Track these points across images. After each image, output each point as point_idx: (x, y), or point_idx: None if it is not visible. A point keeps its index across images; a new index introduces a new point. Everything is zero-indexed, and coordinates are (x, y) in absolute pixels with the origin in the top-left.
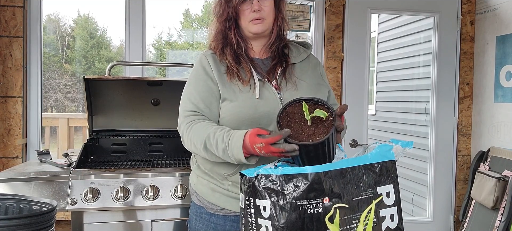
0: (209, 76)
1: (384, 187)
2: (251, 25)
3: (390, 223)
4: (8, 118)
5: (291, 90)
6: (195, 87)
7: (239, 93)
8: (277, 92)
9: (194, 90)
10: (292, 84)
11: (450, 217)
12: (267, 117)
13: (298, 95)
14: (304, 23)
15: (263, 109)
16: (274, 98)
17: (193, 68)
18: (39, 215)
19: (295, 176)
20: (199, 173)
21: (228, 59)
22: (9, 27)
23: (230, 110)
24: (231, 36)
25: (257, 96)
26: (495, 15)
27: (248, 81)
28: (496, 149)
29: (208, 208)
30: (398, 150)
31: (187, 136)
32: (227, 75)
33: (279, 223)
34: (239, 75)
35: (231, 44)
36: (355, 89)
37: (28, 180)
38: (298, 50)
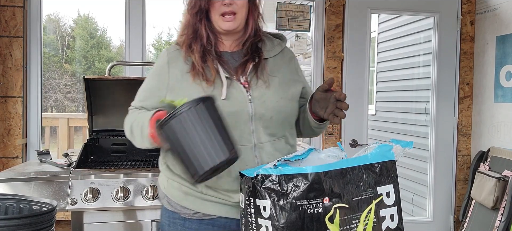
0: (164, 77)
1: (384, 187)
2: (222, 21)
3: (390, 223)
4: (8, 118)
5: (262, 88)
6: (148, 84)
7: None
8: (245, 90)
9: (147, 87)
10: (263, 82)
11: (450, 217)
12: (233, 116)
13: (269, 93)
14: (304, 23)
15: (229, 110)
16: (242, 97)
17: (155, 63)
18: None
19: (295, 176)
20: (169, 175)
21: (194, 56)
22: (9, 27)
23: None
24: (202, 30)
25: (223, 96)
26: (495, 15)
27: (213, 80)
28: (496, 149)
29: (182, 213)
30: (398, 150)
31: (125, 122)
32: (191, 74)
33: (279, 223)
34: (203, 75)
35: (201, 39)
36: (355, 89)
37: (28, 180)
38: (272, 43)
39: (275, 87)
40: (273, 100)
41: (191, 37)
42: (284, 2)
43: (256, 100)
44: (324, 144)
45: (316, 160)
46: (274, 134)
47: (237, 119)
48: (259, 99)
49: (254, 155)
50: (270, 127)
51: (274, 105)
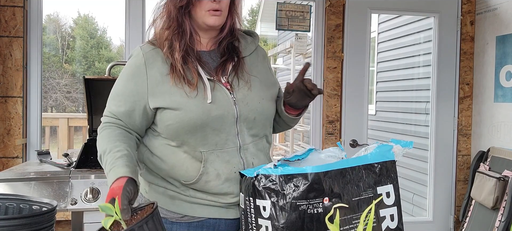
0: (142, 80)
1: (384, 187)
2: (208, 16)
3: (390, 223)
4: (8, 118)
5: (244, 90)
6: (123, 87)
7: (186, 99)
8: (229, 93)
9: (122, 91)
10: (244, 83)
11: (450, 217)
12: (220, 119)
13: (251, 95)
14: (304, 23)
15: (216, 113)
16: (227, 100)
17: (127, 63)
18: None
19: (295, 176)
20: (151, 179)
21: (175, 56)
22: (9, 27)
23: (177, 118)
24: (186, 25)
25: (209, 100)
26: (495, 15)
27: (195, 84)
28: (496, 149)
29: (169, 218)
30: (398, 150)
31: (97, 140)
32: (171, 77)
33: (279, 223)
34: (185, 78)
35: (184, 35)
36: (355, 89)
37: (28, 180)
38: (246, 41)
39: (257, 88)
40: (255, 102)
41: (175, 32)
42: (284, 2)
43: (240, 102)
44: (324, 144)
45: (316, 160)
46: (256, 134)
47: (223, 122)
48: (243, 101)
49: (239, 156)
50: (253, 127)
51: (257, 106)
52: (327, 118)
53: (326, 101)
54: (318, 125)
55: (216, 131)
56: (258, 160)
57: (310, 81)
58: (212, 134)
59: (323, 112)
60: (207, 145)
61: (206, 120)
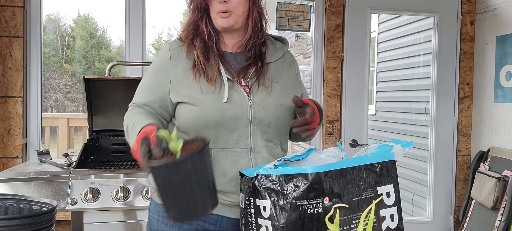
0: (166, 74)
1: (384, 187)
2: (218, 18)
3: (390, 223)
4: (8, 118)
5: (263, 94)
6: (150, 80)
7: (203, 95)
8: (247, 95)
9: (148, 84)
10: (264, 88)
11: (450, 217)
12: (234, 120)
13: (269, 100)
14: (304, 23)
15: (230, 113)
16: (243, 102)
17: (156, 59)
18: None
19: (295, 176)
20: None
21: (196, 51)
22: (9, 27)
23: (193, 113)
24: (202, 27)
25: (225, 99)
26: (495, 15)
27: (214, 80)
28: (496, 149)
29: None
30: (398, 150)
31: (124, 119)
32: (192, 71)
33: (279, 223)
34: (205, 72)
35: (202, 35)
36: (355, 89)
37: (28, 180)
38: (274, 47)
39: (276, 93)
40: (272, 107)
41: (192, 32)
42: (284, 2)
43: (256, 105)
44: (324, 144)
45: (316, 160)
46: (271, 139)
47: (236, 122)
48: (259, 104)
49: (249, 158)
50: (267, 132)
51: (274, 112)
52: (327, 117)
53: (326, 101)
54: None
55: (229, 130)
56: (263, 162)
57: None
58: (224, 133)
59: (323, 112)
60: (218, 143)
61: (220, 119)
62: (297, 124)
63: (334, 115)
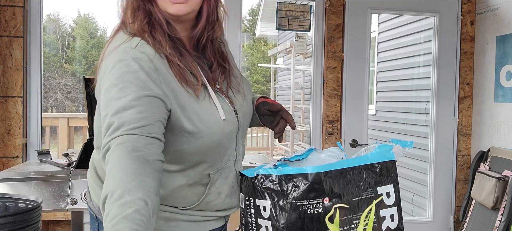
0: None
1: (384, 187)
2: (169, 4)
3: (390, 223)
4: (8, 118)
5: (240, 99)
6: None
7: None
8: (230, 103)
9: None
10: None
11: (450, 217)
12: (230, 136)
13: (245, 104)
14: (304, 23)
15: (228, 130)
16: (231, 113)
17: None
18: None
19: (295, 176)
20: None
21: (165, 49)
22: (9, 27)
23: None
24: (156, 13)
25: (223, 117)
26: (495, 15)
27: (200, 88)
28: (496, 149)
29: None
30: (398, 150)
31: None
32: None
33: (279, 223)
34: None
35: (160, 25)
36: (355, 89)
37: (28, 179)
38: None
39: (245, 93)
40: (248, 109)
41: (146, 22)
42: (284, 2)
43: (239, 112)
44: (324, 144)
45: (316, 160)
46: (244, 141)
47: (231, 138)
48: (241, 110)
49: (235, 168)
50: (243, 135)
51: (248, 113)
52: (327, 117)
53: (326, 101)
54: (318, 124)
55: (225, 148)
56: (242, 167)
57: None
58: (222, 152)
59: (323, 112)
60: (216, 165)
61: (222, 139)
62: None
63: (334, 115)
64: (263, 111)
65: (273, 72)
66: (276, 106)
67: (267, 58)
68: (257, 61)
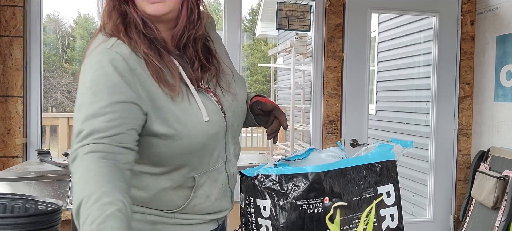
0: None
1: (385, 186)
2: (147, 4)
3: (390, 222)
4: (8, 118)
5: (229, 98)
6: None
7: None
8: (217, 103)
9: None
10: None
11: (450, 217)
12: (215, 138)
13: (236, 103)
14: (304, 22)
15: (213, 131)
16: (218, 113)
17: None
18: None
19: (295, 175)
20: None
21: (141, 48)
22: (9, 26)
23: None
24: (132, 13)
25: (206, 118)
26: (495, 14)
27: (178, 88)
28: (496, 149)
29: None
30: (398, 150)
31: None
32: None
33: (279, 223)
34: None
35: (136, 25)
36: (355, 89)
37: (29, 179)
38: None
39: (237, 91)
40: (239, 108)
41: (120, 22)
42: (284, 2)
43: (227, 112)
44: (324, 143)
45: (316, 159)
46: (236, 142)
47: (216, 139)
48: (230, 110)
49: (225, 170)
50: (235, 136)
51: (240, 113)
52: (327, 117)
53: (326, 101)
54: (319, 124)
55: (211, 150)
56: (235, 168)
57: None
58: (207, 155)
59: (324, 112)
60: (201, 168)
61: (206, 141)
62: (274, 131)
63: (334, 115)
64: (257, 111)
65: (273, 72)
66: (268, 106)
67: (267, 58)
68: (257, 61)
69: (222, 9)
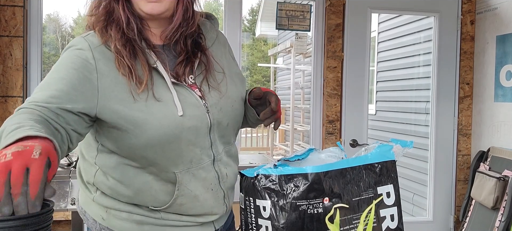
0: (91, 74)
1: (384, 187)
2: (144, 2)
3: (390, 223)
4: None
5: (216, 94)
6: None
7: (147, 109)
8: (200, 98)
9: (68, 79)
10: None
11: (450, 217)
12: (194, 131)
13: (224, 99)
14: (304, 22)
15: (190, 124)
16: (199, 107)
17: (67, 53)
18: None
19: (295, 176)
20: (110, 204)
21: (114, 43)
22: (9, 26)
23: (141, 138)
24: (119, 11)
25: (180, 112)
26: (495, 14)
27: (145, 83)
28: (496, 149)
29: None
30: (398, 150)
31: None
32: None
33: (279, 223)
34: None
35: (118, 23)
36: (355, 89)
37: None
38: (205, 29)
39: (228, 89)
40: (228, 106)
41: (103, 19)
42: (284, 2)
43: (212, 108)
44: (324, 143)
45: (316, 160)
46: (228, 141)
47: (197, 134)
48: (216, 107)
49: (214, 170)
50: (225, 135)
51: (230, 111)
52: (327, 117)
53: (326, 101)
54: (318, 124)
55: (192, 145)
56: (230, 169)
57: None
58: (187, 150)
59: (323, 112)
60: (181, 164)
61: (180, 134)
62: (268, 115)
63: (334, 115)
64: (253, 102)
65: (273, 72)
66: (257, 92)
67: (267, 58)
68: (257, 61)
69: (222, 9)
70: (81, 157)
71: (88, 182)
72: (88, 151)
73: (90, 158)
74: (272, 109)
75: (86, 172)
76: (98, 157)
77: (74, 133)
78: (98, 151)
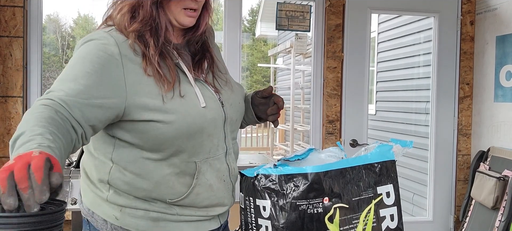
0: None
1: (384, 186)
2: (183, 16)
3: (390, 223)
4: (8, 118)
5: (227, 90)
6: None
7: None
8: (215, 93)
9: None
10: (224, 82)
11: (450, 217)
12: (214, 123)
13: (234, 95)
14: (304, 23)
15: (211, 116)
16: (216, 101)
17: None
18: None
19: (295, 175)
20: (125, 202)
21: (150, 51)
22: (9, 27)
23: (171, 128)
24: (162, 22)
25: (203, 104)
26: (495, 15)
27: (173, 82)
28: (496, 149)
29: None
30: (398, 150)
31: None
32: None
33: (279, 223)
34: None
35: (158, 32)
36: (355, 89)
37: None
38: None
39: (234, 87)
40: (237, 102)
41: (143, 25)
42: (284, 2)
43: (225, 103)
44: (324, 143)
45: (316, 160)
46: (235, 137)
47: (215, 125)
48: (228, 101)
49: (226, 162)
50: (234, 130)
51: (238, 107)
52: (327, 117)
53: (326, 101)
54: (318, 124)
55: (211, 136)
56: (234, 164)
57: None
58: (207, 140)
59: (323, 112)
60: (202, 153)
61: (202, 124)
62: (274, 112)
63: (334, 115)
64: (258, 101)
65: (273, 72)
66: (268, 90)
67: (267, 58)
68: (257, 61)
69: (222, 9)
70: (89, 155)
71: (100, 180)
72: (102, 147)
73: (104, 154)
74: (279, 107)
75: (97, 169)
76: (115, 152)
77: (91, 129)
78: (114, 146)
